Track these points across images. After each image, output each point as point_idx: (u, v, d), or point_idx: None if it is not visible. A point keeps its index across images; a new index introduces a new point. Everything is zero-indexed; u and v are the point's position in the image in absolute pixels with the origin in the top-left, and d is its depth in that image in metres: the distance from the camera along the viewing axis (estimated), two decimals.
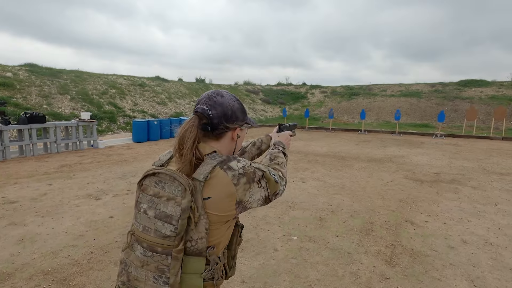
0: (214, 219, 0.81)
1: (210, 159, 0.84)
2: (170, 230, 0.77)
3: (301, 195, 4.46)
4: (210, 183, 0.80)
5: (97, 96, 13.14)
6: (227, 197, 0.80)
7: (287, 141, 1.29)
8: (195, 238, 0.80)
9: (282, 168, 1.05)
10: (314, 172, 5.97)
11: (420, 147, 9.50)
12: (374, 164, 6.78)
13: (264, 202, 0.90)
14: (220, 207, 0.80)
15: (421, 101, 19.16)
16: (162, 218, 0.79)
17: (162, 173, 0.82)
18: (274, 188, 0.90)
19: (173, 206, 0.78)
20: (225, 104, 0.90)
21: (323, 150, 8.83)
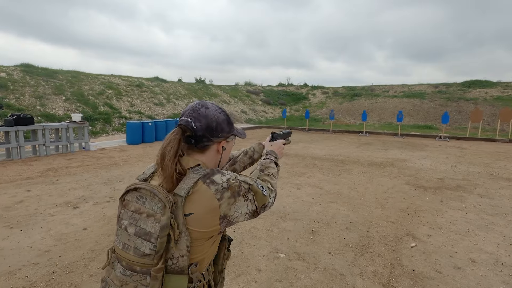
0: (197, 235, 0.77)
1: (192, 173, 0.81)
2: (149, 248, 0.74)
3: (295, 203, 4.15)
4: (192, 198, 0.76)
5: (92, 97, 12.92)
6: (210, 213, 0.77)
7: (279, 150, 1.25)
8: (176, 256, 0.76)
9: (272, 179, 1.01)
10: (311, 177, 5.66)
11: (423, 150, 9.16)
12: (375, 169, 6.46)
13: (252, 215, 0.86)
14: (202, 223, 0.77)
15: (424, 102, 18.77)
16: (142, 236, 0.76)
17: (143, 188, 0.79)
18: (262, 201, 0.87)
19: (153, 223, 0.75)
20: (210, 116, 0.87)
21: (322, 153, 8.51)
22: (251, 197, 0.84)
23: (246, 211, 0.83)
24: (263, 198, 0.87)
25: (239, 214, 0.82)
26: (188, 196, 0.76)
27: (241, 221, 0.85)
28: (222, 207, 0.78)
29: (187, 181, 0.78)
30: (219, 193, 0.78)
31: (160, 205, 0.75)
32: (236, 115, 19.29)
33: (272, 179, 1.01)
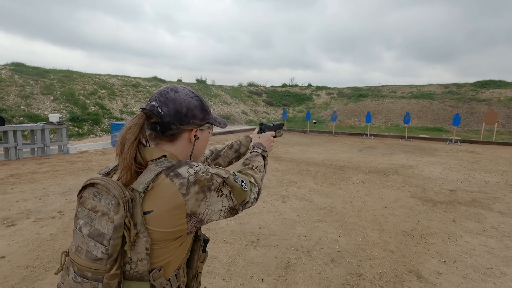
0: (158, 236, 0.68)
1: (155, 165, 0.71)
2: (101, 252, 0.65)
3: (274, 222, 3.45)
4: (152, 194, 0.67)
5: (83, 96, 12.41)
6: (173, 210, 0.67)
7: (268, 142, 1.14)
8: (134, 260, 0.67)
9: (256, 173, 0.92)
10: (301, 187, 4.94)
11: (432, 155, 8.33)
12: (376, 177, 5.70)
13: (229, 213, 0.77)
14: (164, 222, 0.67)
15: (434, 103, 17.83)
16: (95, 237, 0.67)
17: (99, 184, 0.69)
18: (241, 197, 0.78)
19: (106, 223, 0.66)
20: (179, 100, 0.77)
21: (319, 157, 7.77)
22: (226, 192, 0.75)
23: (221, 208, 0.74)
24: (242, 193, 0.78)
25: (212, 212, 0.73)
26: (147, 191, 0.67)
27: (215, 220, 0.75)
28: (188, 203, 0.68)
29: (147, 174, 0.69)
30: (184, 187, 0.68)
31: (114, 202, 0.66)
32: (236, 116, 18.64)
33: (255, 173, 0.92)
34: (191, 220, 0.70)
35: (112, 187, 0.67)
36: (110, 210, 0.66)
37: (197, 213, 0.70)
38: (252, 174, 0.90)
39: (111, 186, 0.67)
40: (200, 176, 0.71)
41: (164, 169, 0.70)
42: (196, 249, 0.85)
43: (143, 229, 0.66)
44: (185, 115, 0.77)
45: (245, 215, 3.63)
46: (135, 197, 0.67)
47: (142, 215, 0.66)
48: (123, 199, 0.65)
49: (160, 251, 0.70)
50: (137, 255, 0.67)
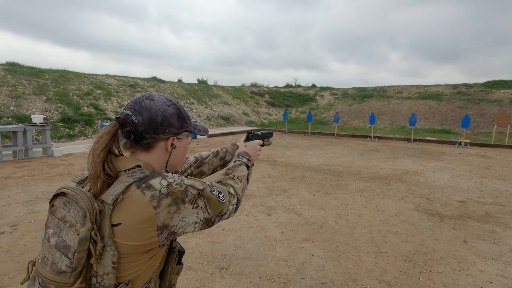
0: (126, 250, 0.65)
1: (127, 175, 0.69)
2: (66, 265, 0.63)
3: (253, 241, 2.97)
4: (122, 206, 0.65)
5: (78, 97, 12.10)
6: (143, 223, 0.65)
7: (254, 151, 1.11)
8: (100, 274, 0.65)
9: (236, 183, 0.90)
10: (292, 196, 4.45)
11: (440, 159, 7.76)
12: (377, 185, 5.18)
13: (205, 224, 0.75)
14: (134, 235, 0.65)
15: (442, 104, 17.14)
16: (61, 249, 0.64)
17: (69, 194, 0.67)
18: (217, 208, 0.76)
19: (73, 235, 0.64)
20: (154, 109, 0.75)
21: (317, 162, 7.27)
22: (202, 204, 0.73)
23: (195, 220, 0.72)
24: (218, 205, 0.76)
25: (186, 224, 0.71)
26: (117, 203, 0.65)
27: (189, 232, 0.73)
28: (159, 216, 0.66)
29: (118, 186, 0.67)
30: (156, 200, 0.66)
31: (81, 214, 0.63)
32: (236, 116, 18.21)
33: (236, 183, 0.90)
34: (162, 233, 0.68)
35: (80, 198, 0.65)
36: (77, 222, 0.64)
37: (169, 225, 0.68)
38: (232, 184, 0.88)
39: (79, 197, 0.65)
40: (173, 188, 0.69)
41: (136, 181, 0.67)
42: (170, 261, 0.82)
43: (111, 242, 0.64)
44: (161, 124, 0.75)
45: (221, 231, 3.17)
46: (104, 209, 0.65)
47: (110, 228, 0.64)
48: (90, 211, 0.63)
49: (128, 265, 0.67)
50: (104, 268, 0.65)
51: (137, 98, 0.77)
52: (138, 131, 0.73)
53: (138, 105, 0.75)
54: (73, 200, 0.65)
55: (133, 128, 0.73)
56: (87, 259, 0.64)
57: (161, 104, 0.77)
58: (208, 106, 17.69)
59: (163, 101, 0.77)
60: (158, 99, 0.77)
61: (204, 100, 18.28)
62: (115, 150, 0.73)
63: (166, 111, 0.76)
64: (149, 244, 0.67)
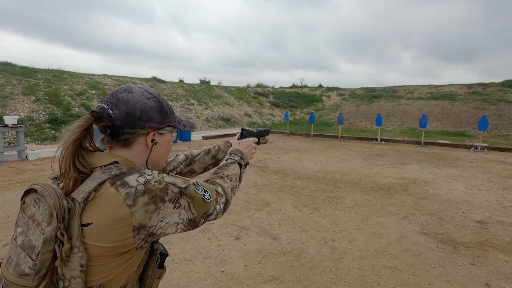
0: (97, 251, 0.60)
1: (101, 172, 0.64)
2: (29, 267, 0.58)
3: (202, 281, 2.26)
4: (94, 204, 0.60)
5: (69, 97, 11.66)
6: (116, 223, 0.59)
7: (248, 149, 1.05)
8: (67, 277, 0.60)
9: (225, 182, 0.85)
10: (273, 212, 3.74)
11: (453, 166, 6.89)
12: (378, 197, 4.41)
13: (188, 225, 0.69)
14: (105, 236, 0.59)
15: (456, 104, 16.08)
16: (26, 249, 0.60)
17: (38, 190, 0.63)
18: (202, 209, 0.71)
19: (39, 234, 0.59)
20: (132, 101, 0.70)
21: (314, 168, 6.52)
22: (185, 203, 0.68)
23: (177, 220, 0.66)
24: (203, 205, 0.71)
25: (166, 225, 0.65)
26: (88, 201, 0.60)
27: (171, 233, 0.67)
28: (135, 215, 0.60)
29: (90, 183, 0.62)
30: (131, 198, 0.61)
31: (48, 212, 0.59)
32: (238, 118, 17.56)
33: (225, 182, 0.85)
34: (139, 234, 0.62)
35: (48, 195, 0.60)
36: (43, 220, 0.59)
37: (147, 226, 0.62)
38: (221, 183, 0.83)
39: (47, 194, 0.60)
40: (151, 185, 0.63)
41: (111, 177, 0.62)
42: (151, 264, 0.76)
43: (79, 243, 0.59)
44: (139, 118, 0.70)
45: (168, 262, 2.48)
46: (74, 207, 0.60)
47: (79, 228, 0.59)
48: (57, 209, 0.59)
49: (100, 268, 0.61)
50: (71, 272, 0.59)
51: (114, 91, 0.72)
52: (115, 126, 0.68)
53: (115, 98, 0.70)
54: (42, 196, 0.61)
55: (110, 123, 0.68)
56: (53, 261, 0.58)
57: (140, 96, 0.72)
58: (208, 107, 17.11)
59: (142, 93, 0.72)
60: (137, 92, 0.72)
61: (204, 100, 17.70)
62: (87, 145, 0.67)
63: (146, 104, 0.72)
64: (123, 246, 0.61)
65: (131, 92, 0.71)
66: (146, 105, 0.71)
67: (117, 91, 0.71)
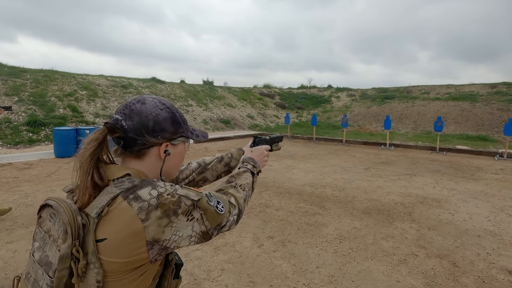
0: (112, 267, 0.59)
1: (114, 186, 0.63)
2: (47, 284, 0.59)
3: None
4: (107, 219, 0.59)
5: (56, 98, 11.08)
6: (129, 238, 0.59)
7: (260, 157, 1.05)
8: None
9: (238, 192, 0.83)
10: (223, 248, 2.77)
11: (474, 178, 5.72)
12: (372, 225, 3.38)
13: (202, 238, 0.68)
14: (120, 251, 0.59)
15: (477, 105, 14.60)
16: (43, 265, 0.60)
17: (53, 205, 0.62)
18: (215, 220, 0.70)
19: (55, 251, 0.59)
20: (145, 113, 0.70)
21: (304, 179, 5.51)
22: (198, 215, 0.67)
23: (190, 233, 0.65)
24: (217, 217, 0.70)
25: (180, 238, 0.64)
26: (102, 216, 0.59)
27: (184, 246, 0.67)
28: (148, 230, 0.60)
29: (103, 197, 0.62)
30: (144, 212, 0.60)
31: (62, 228, 0.58)
32: (239, 120, 16.66)
33: (238, 192, 0.83)
34: (152, 248, 0.61)
35: (62, 211, 0.60)
36: (59, 237, 0.59)
37: (160, 240, 0.61)
38: (234, 193, 0.82)
39: (62, 210, 0.60)
40: (164, 198, 0.63)
41: (123, 191, 0.62)
42: (166, 275, 0.75)
43: (95, 259, 0.58)
44: (152, 129, 0.70)
45: None
46: (88, 223, 0.59)
47: (94, 244, 0.58)
48: (72, 226, 0.58)
49: (115, 283, 0.60)
50: (88, 287, 0.59)
51: (128, 102, 0.72)
52: (128, 137, 0.69)
53: (128, 109, 0.70)
54: (56, 212, 0.61)
55: (123, 134, 0.69)
56: (69, 277, 0.58)
57: (153, 107, 0.72)
58: (208, 108, 16.30)
59: (155, 104, 0.72)
60: (150, 103, 0.72)
61: (204, 101, 16.92)
62: (105, 157, 0.68)
63: (159, 115, 0.72)
64: (137, 260, 0.60)
65: (144, 103, 0.71)
66: (159, 116, 0.71)
67: (131, 102, 0.71)
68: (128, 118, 0.68)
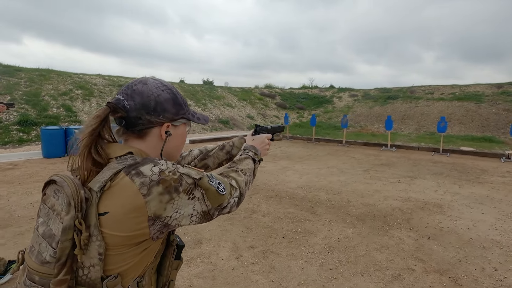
0: (114, 240, 0.60)
1: (116, 162, 0.65)
2: (50, 255, 0.60)
3: None
4: (109, 193, 0.61)
5: (50, 97, 10.90)
6: (131, 212, 0.59)
7: (262, 145, 1.05)
8: (86, 265, 0.61)
9: (240, 176, 0.83)
10: (196, 259, 2.48)
11: (479, 182, 5.38)
12: (366, 234, 3.07)
13: (203, 218, 0.68)
14: (122, 225, 0.60)
15: (482, 106, 14.19)
16: (46, 238, 0.62)
17: (57, 180, 0.64)
18: (217, 201, 0.69)
19: (58, 223, 0.61)
20: (146, 93, 0.70)
21: (298, 181, 5.21)
22: (199, 195, 0.66)
23: (191, 212, 0.65)
24: (218, 197, 0.69)
25: (181, 216, 0.64)
26: (104, 190, 0.61)
27: (185, 225, 0.67)
28: (150, 205, 0.60)
29: (106, 172, 0.63)
30: (146, 187, 0.60)
31: (66, 201, 0.60)
32: (238, 120, 16.39)
33: (239, 176, 0.83)
34: (154, 224, 0.62)
35: (66, 185, 0.61)
36: (62, 209, 0.61)
37: (161, 216, 0.62)
38: (235, 176, 0.82)
39: (66, 184, 0.61)
40: (165, 175, 0.63)
41: (125, 167, 0.63)
42: (167, 255, 0.76)
43: (97, 232, 0.60)
44: (153, 109, 0.70)
45: None
46: (91, 197, 0.61)
47: (96, 217, 0.60)
48: (75, 199, 0.59)
49: (117, 257, 0.62)
50: (90, 260, 0.60)
51: (130, 83, 0.72)
52: (130, 117, 0.69)
53: (130, 89, 0.71)
54: (60, 187, 0.62)
55: (125, 114, 0.69)
56: (72, 249, 0.59)
57: (155, 88, 0.72)
58: (206, 108, 16.05)
59: (157, 85, 0.73)
60: (152, 83, 0.72)
61: (203, 101, 16.67)
62: (107, 135, 0.69)
63: (160, 95, 0.72)
64: (139, 235, 0.61)
65: (146, 83, 0.71)
66: (160, 97, 0.71)
67: (133, 83, 0.71)
68: (129, 98, 0.69)
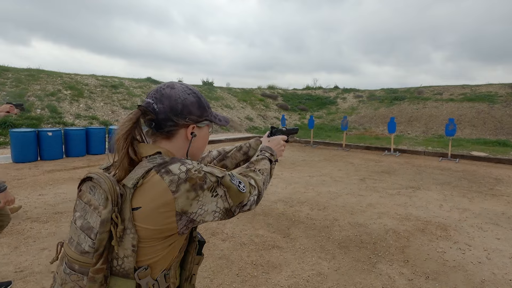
0: (146, 233, 0.66)
1: (147, 161, 0.71)
2: (89, 245, 0.66)
3: None
4: (142, 190, 0.66)
5: (36, 97, 10.45)
6: (161, 207, 0.65)
7: (277, 147, 1.10)
8: (121, 256, 0.66)
9: (257, 175, 0.87)
10: None
11: (493, 194, 4.62)
12: (346, 269, 2.39)
13: (225, 215, 0.73)
14: (152, 219, 0.65)
15: (495, 107, 13.26)
16: (85, 230, 0.68)
17: (94, 178, 0.70)
18: (238, 199, 0.74)
19: (96, 216, 0.67)
20: (174, 97, 0.76)
21: (282, 193, 4.54)
22: (222, 192, 0.71)
23: (214, 209, 0.70)
24: (239, 195, 0.74)
25: (205, 212, 0.69)
26: (137, 187, 0.66)
27: (209, 221, 0.72)
28: (178, 201, 0.66)
29: (138, 170, 0.69)
30: (174, 184, 0.66)
31: (103, 196, 0.66)
32: (237, 121, 15.76)
33: (257, 175, 0.87)
34: (181, 219, 0.67)
35: (103, 182, 0.66)
36: (100, 204, 0.66)
37: (188, 212, 0.67)
38: (253, 176, 0.86)
39: (102, 180, 0.66)
40: (192, 174, 0.68)
41: (156, 166, 0.68)
42: (190, 251, 0.81)
43: (131, 225, 0.65)
44: (181, 112, 0.76)
45: None
46: (125, 193, 0.66)
47: (130, 211, 0.65)
48: (112, 194, 0.65)
49: (148, 249, 0.67)
50: (124, 251, 0.66)
51: (158, 87, 0.78)
52: (159, 119, 0.74)
53: (159, 93, 0.76)
54: (97, 184, 0.67)
55: (154, 116, 0.74)
56: (109, 240, 0.64)
57: (182, 92, 0.77)
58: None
59: (183, 89, 0.78)
60: (179, 88, 0.78)
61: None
62: (138, 136, 0.74)
63: (186, 99, 0.77)
64: (167, 229, 0.66)
65: (174, 88, 0.76)
66: (187, 100, 0.76)
67: (161, 87, 0.76)
68: (159, 101, 0.74)
